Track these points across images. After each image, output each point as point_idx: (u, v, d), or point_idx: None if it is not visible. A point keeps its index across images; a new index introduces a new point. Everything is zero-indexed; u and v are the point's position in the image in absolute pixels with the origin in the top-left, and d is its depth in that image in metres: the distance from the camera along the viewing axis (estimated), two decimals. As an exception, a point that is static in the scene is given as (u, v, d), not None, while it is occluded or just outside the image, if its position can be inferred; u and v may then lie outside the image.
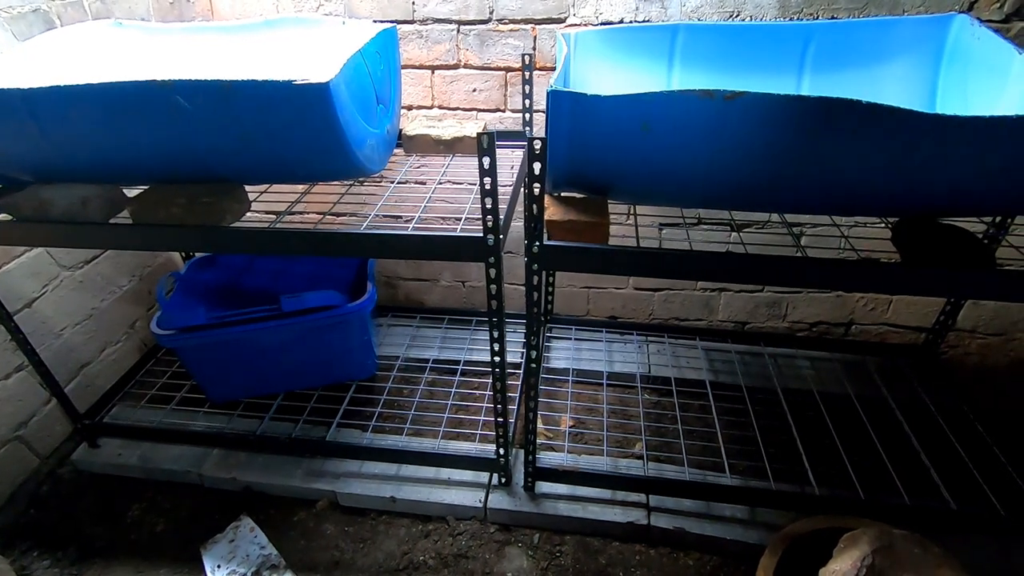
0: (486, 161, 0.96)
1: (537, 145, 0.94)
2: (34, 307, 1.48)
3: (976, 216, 1.30)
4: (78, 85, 0.91)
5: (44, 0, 1.36)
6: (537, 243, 1.03)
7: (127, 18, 1.50)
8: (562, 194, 1.13)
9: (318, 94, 0.90)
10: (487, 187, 0.98)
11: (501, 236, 1.03)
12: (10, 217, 1.16)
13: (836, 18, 1.38)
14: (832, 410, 1.56)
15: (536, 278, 1.09)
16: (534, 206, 1.02)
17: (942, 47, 1.18)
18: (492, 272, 1.08)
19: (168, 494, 1.52)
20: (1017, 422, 1.64)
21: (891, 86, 1.22)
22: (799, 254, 1.01)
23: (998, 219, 1.38)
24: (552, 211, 1.07)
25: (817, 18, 1.39)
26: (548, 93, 0.88)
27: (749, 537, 1.32)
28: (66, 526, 1.44)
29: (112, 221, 1.19)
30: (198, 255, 1.81)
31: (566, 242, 1.05)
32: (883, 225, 1.44)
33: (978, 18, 1.13)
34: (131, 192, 1.22)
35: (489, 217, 1.01)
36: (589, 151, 0.95)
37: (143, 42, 1.36)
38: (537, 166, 0.96)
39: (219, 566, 1.34)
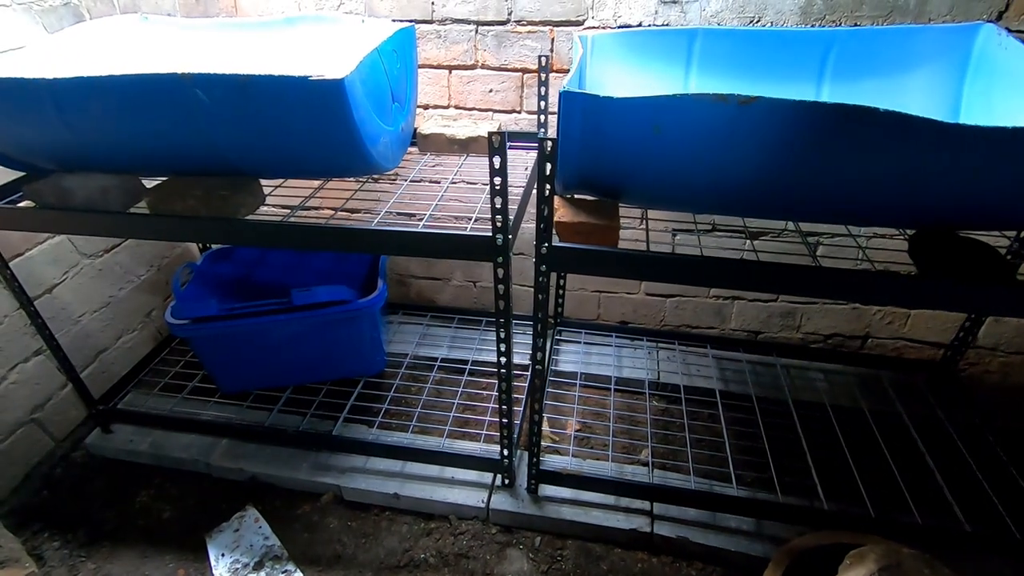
0: (496, 161, 0.96)
1: (548, 145, 0.94)
2: (54, 293, 1.51)
3: (998, 230, 1.26)
4: (100, 76, 0.93)
5: (74, -6, 1.40)
6: (546, 244, 1.03)
7: (153, 13, 1.53)
8: (574, 196, 1.13)
9: (333, 90, 0.91)
10: (497, 187, 0.98)
11: (510, 236, 1.03)
12: (33, 204, 1.19)
13: (859, 25, 1.36)
14: (844, 424, 1.53)
15: (544, 279, 1.09)
16: (544, 207, 1.02)
17: (968, 57, 1.15)
18: (500, 272, 1.08)
19: (176, 482, 1.54)
20: (1037, 444, 1.59)
21: (914, 96, 1.19)
22: (814, 264, 0.99)
23: (1022, 234, 1.35)
24: (562, 213, 1.07)
25: (840, 25, 1.37)
26: (560, 94, 0.88)
27: (754, 549, 1.30)
28: (77, 509, 1.47)
29: (130, 211, 1.21)
30: (215, 247, 1.83)
31: (575, 244, 1.05)
32: (901, 237, 1.41)
33: (1006, 28, 1.10)
34: (150, 183, 1.24)
35: (498, 217, 1.01)
36: (600, 153, 0.94)
37: (168, 36, 1.39)
38: (548, 166, 0.96)
39: (223, 555, 1.35)
